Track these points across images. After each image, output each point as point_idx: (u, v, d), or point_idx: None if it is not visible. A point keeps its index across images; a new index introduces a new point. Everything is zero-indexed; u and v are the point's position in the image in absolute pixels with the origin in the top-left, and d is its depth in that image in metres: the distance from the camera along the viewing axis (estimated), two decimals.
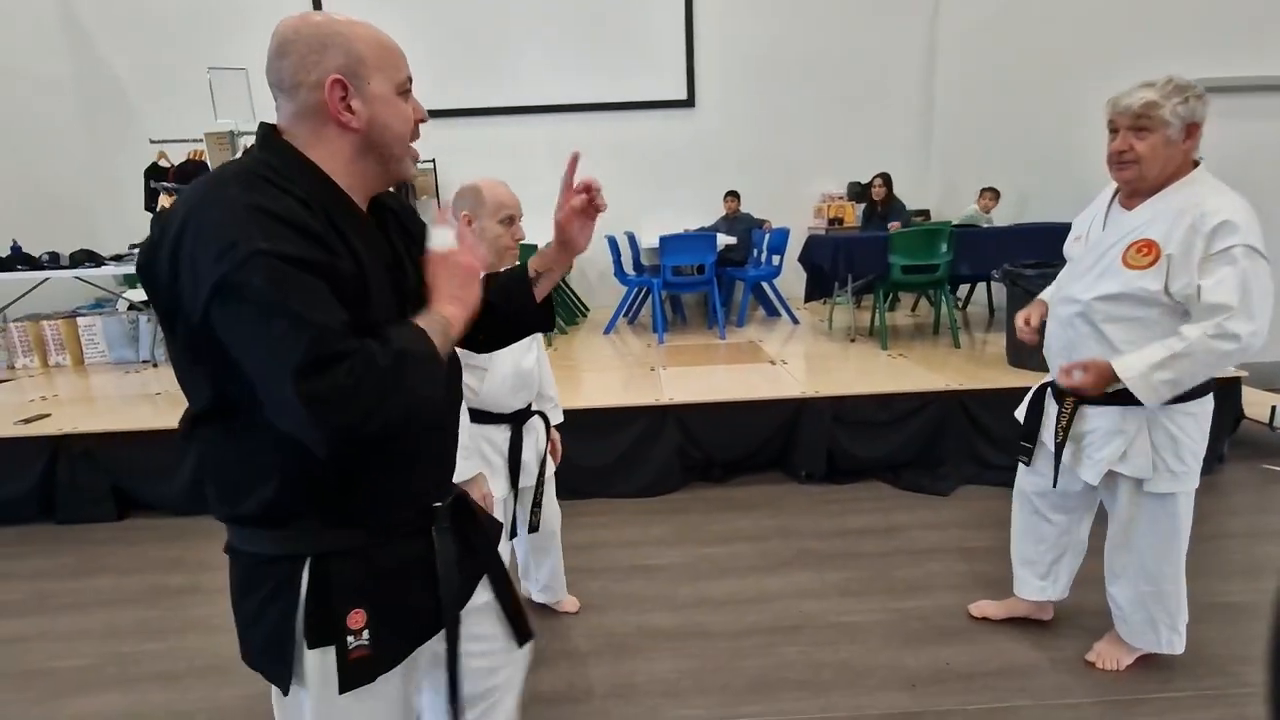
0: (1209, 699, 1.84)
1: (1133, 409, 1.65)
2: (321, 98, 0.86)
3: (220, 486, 0.92)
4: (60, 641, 2.30)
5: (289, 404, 0.76)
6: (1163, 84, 1.52)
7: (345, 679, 0.91)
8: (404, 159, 0.94)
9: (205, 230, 0.77)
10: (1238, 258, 1.45)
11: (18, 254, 4.92)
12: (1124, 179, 1.59)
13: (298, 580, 0.89)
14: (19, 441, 3.20)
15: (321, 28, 0.87)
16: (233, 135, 4.11)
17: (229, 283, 0.75)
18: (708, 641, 2.16)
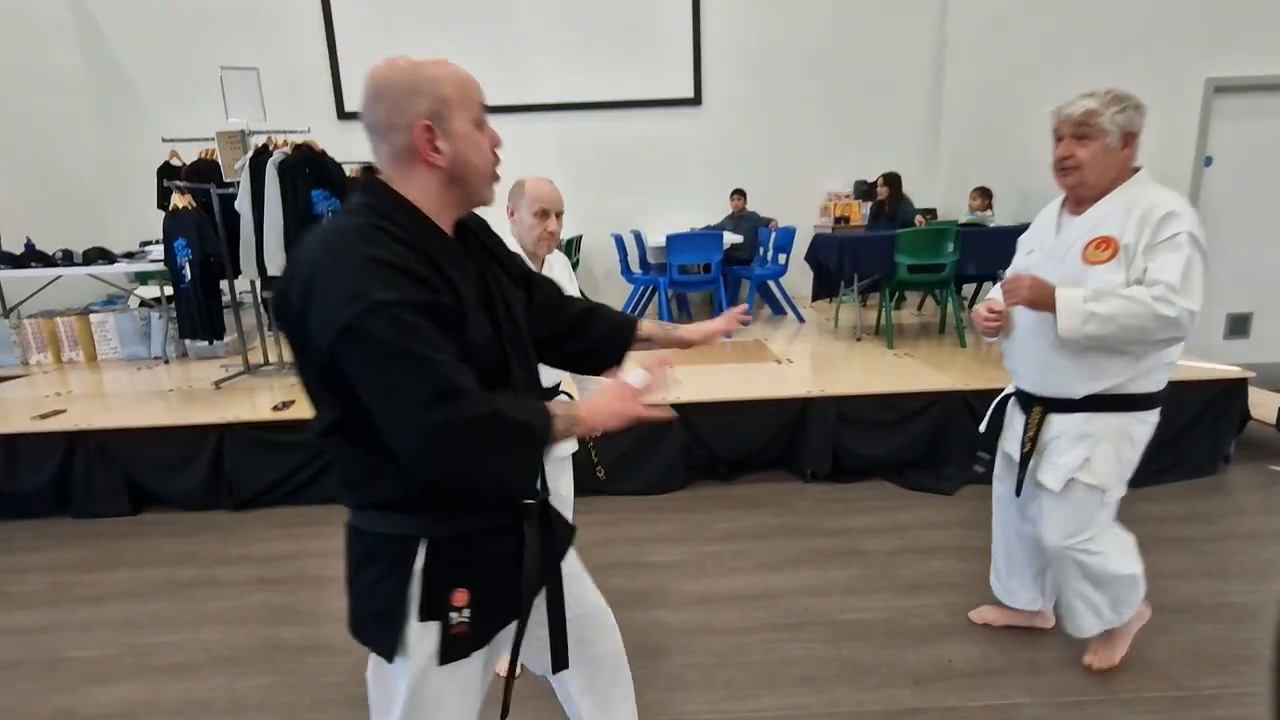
0: (1211, 699, 1.85)
1: (1099, 415, 1.68)
2: (412, 140, 0.96)
3: (346, 480, 1.04)
4: (79, 632, 2.35)
5: (407, 433, 0.89)
6: (1102, 94, 1.58)
7: (446, 652, 1.01)
8: (484, 187, 1.04)
9: (334, 278, 0.88)
10: (1182, 244, 1.51)
11: (31, 251, 4.98)
12: (1067, 184, 1.66)
13: (412, 559, 1.00)
14: (36, 437, 3.25)
15: (410, 74, 0.96)
16: (243, 134, 4.14)
17: (353, 328, 0.86)
18: (713, 637, 2.19)
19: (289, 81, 6.27)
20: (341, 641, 2.24)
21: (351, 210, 0.98)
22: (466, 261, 1.04)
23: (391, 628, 1.00)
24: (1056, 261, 1.68)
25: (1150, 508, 3.00)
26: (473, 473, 0.91)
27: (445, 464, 0.90)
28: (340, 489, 1.06)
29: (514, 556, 1.08)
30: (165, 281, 4.71)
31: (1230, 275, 4.63)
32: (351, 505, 1.06)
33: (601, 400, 1.06)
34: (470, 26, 6.59)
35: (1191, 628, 2.15)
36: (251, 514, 3.24)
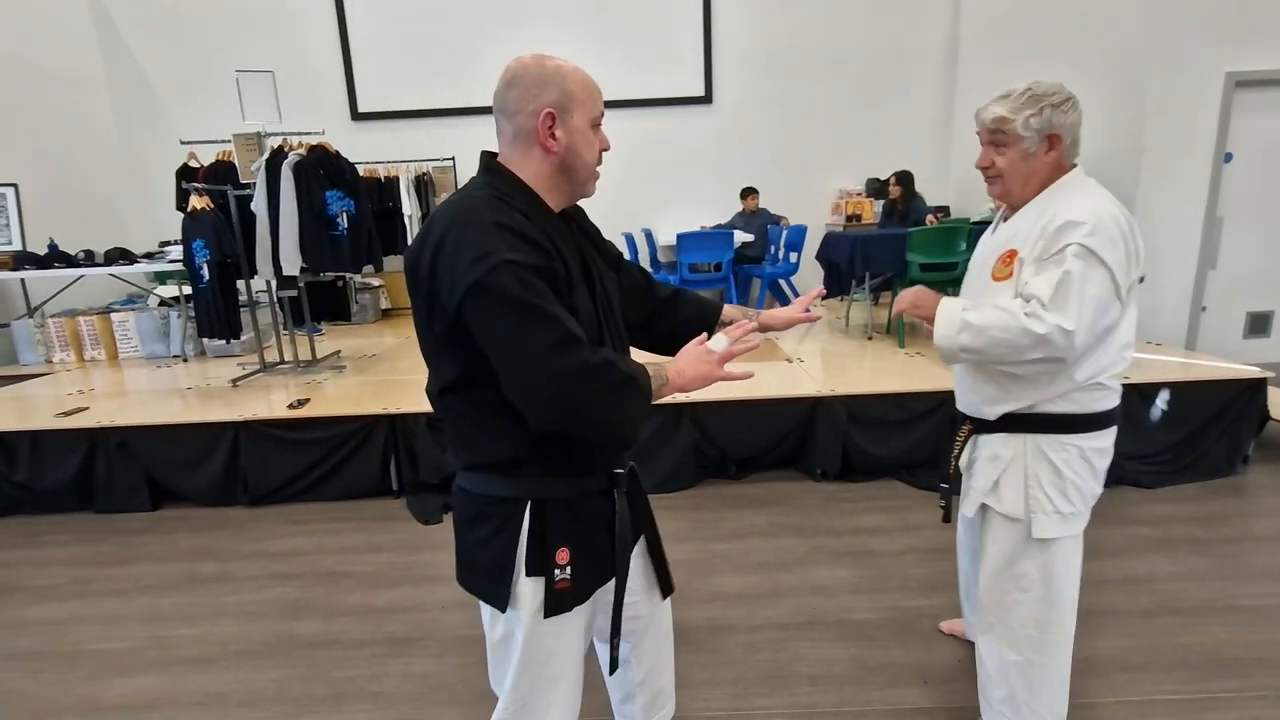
0: (1224, 702, 1.83)
1: (1014, 437, 1.49)
2: (535, 124, 1.06)
3: (459, 440, 1.14)
4: (102, 625, 2.41)
5: (530, 379, 0.97)
6: (1018, 95, 1.40)
7: (549, 606, 1.12)
8: (588, 181, 1.15)
9: (464, 240, 0.98)
10: (1067, 256, 1.31)
11: (55, 252, 5.09)
12: (992, 194, 1.51)
13: (519, 519, 1.11)
14: (59, 434, 3.32)
15: (545, 67, 1.07)
16: (259, 136, 4.19)
17: (482, 284, 0.94)
18: (721, 636, 2.20)
19: (304, 84, 6.35)
20: (355, 636, 2.27)
21: (476, 185, 1.08)
22: (570, 237, 1.14)
23: (503, 581, 1.11)
24: (976, 275, 1.54)
25: (1166, 508, 2.97)
26: (588, 418, 1.00)
27: (564, 409, 0.98)
28: (452, 449, 1.16)
29: (608, 520, 1.19)
30: (184, 281, 4.79)
31: (1250, 273, 4.56)
32: (462, 466, 1.15)
33: (687, 363, 1.15)
34: (482, 28, 6.63)
35: (1207, 630, 2.13)
36: (267, 510, 3.29)
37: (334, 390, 3.86)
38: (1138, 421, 3.29)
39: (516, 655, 1.15)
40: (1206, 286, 4.59)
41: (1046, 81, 1.40)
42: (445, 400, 1.11)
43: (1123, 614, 2.22)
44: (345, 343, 5.33)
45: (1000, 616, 1.57)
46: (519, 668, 1.16)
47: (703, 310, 1.41)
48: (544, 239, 1.02)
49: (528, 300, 0.95)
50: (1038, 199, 1.44)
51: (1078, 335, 1.30)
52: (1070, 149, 1.42)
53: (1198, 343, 4.61)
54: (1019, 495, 1.48)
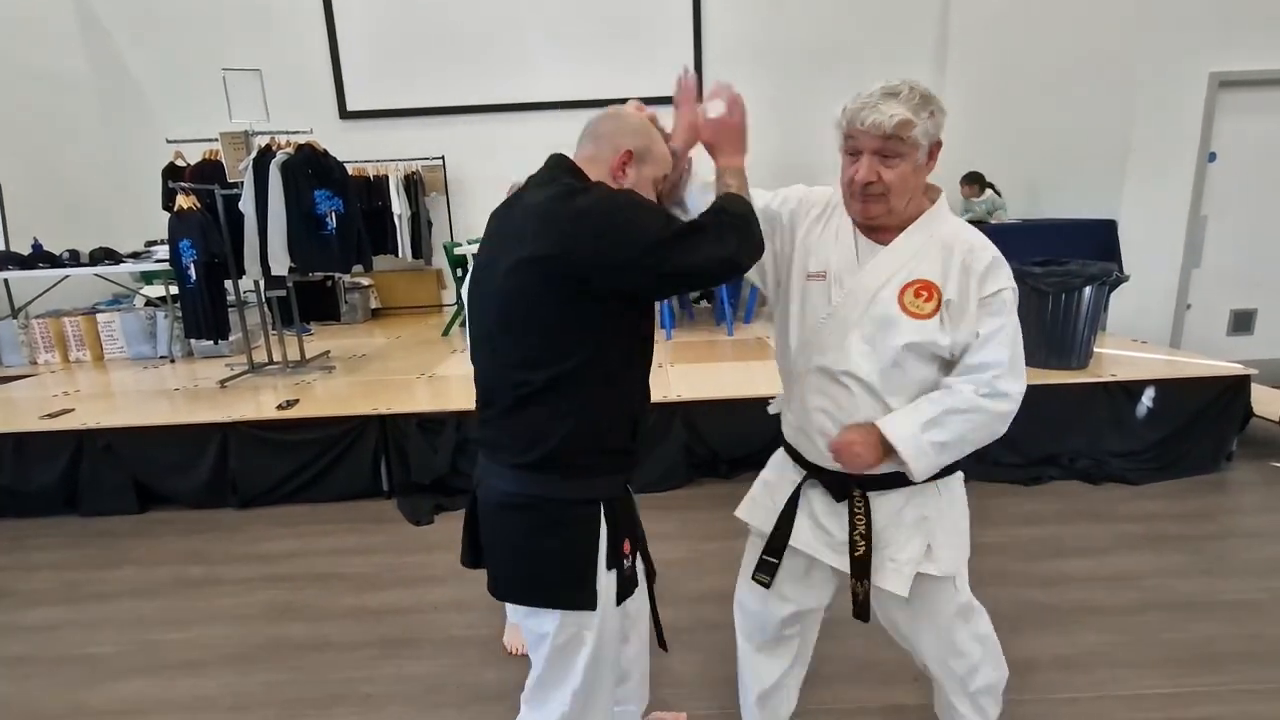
0: (1209, 696, 1.86)
1: (927, 485, 1.28)
2: (614, 156, 1.20)
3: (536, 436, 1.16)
4: (88, 629, 2.38)
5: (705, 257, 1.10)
6: (907, 94, 1.16)
7: (622, 591, 1.24)
8: None
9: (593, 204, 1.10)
10: (1006, 303, 1.20)
11: (39, 252, 5.02)
12: (871, 214, 1.23)
13: (598, 518, 1.20)
14: (44, 436, 3.28)
15: (645, 123, 1.25)
16: (247, 135, 4.16)
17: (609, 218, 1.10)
18: (715, 635, 2.20)
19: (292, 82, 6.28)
20: (347, 638, 2.26)
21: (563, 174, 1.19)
22: None
23: (586, 582, 1.19)
24: (863, 305, 1.25)
25: (1151, 505, 3.01)
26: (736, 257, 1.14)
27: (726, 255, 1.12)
28: (520, 446, 1.18)
29: (634, 506, 1.34)
30: (170, 281, 4.74)
31: (1234, 271, 4.62)
32: (526, 462, 1.17)
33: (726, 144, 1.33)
34: (472, 26, 6.59)
35: (1191, 625, 2.16)
36: (256, 512, 3.27)
37: (323, 391, 3.83)
38: (1123, 419, 3.32)
39: (586, 654, 1.22)
40: (1191, 285, 4.64)
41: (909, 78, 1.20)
42: (531, 411, 1.15)
43: (1110, 610, 2.25)
44: (335, 343, 5.30)
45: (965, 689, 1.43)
46: (590, 666, 1.23)
47: None
48: None
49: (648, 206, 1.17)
50: (931, 223, 1.25)
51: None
52: None
53: (1182, 340, 4.67)
54: (953, 550, 1.32)
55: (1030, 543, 2.71)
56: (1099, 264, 3.45)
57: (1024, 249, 3.77)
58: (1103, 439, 3.32)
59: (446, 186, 6.82)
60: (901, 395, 1.24)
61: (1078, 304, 3.37)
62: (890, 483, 1.28)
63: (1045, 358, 3.44)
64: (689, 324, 5.85)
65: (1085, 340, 3.44)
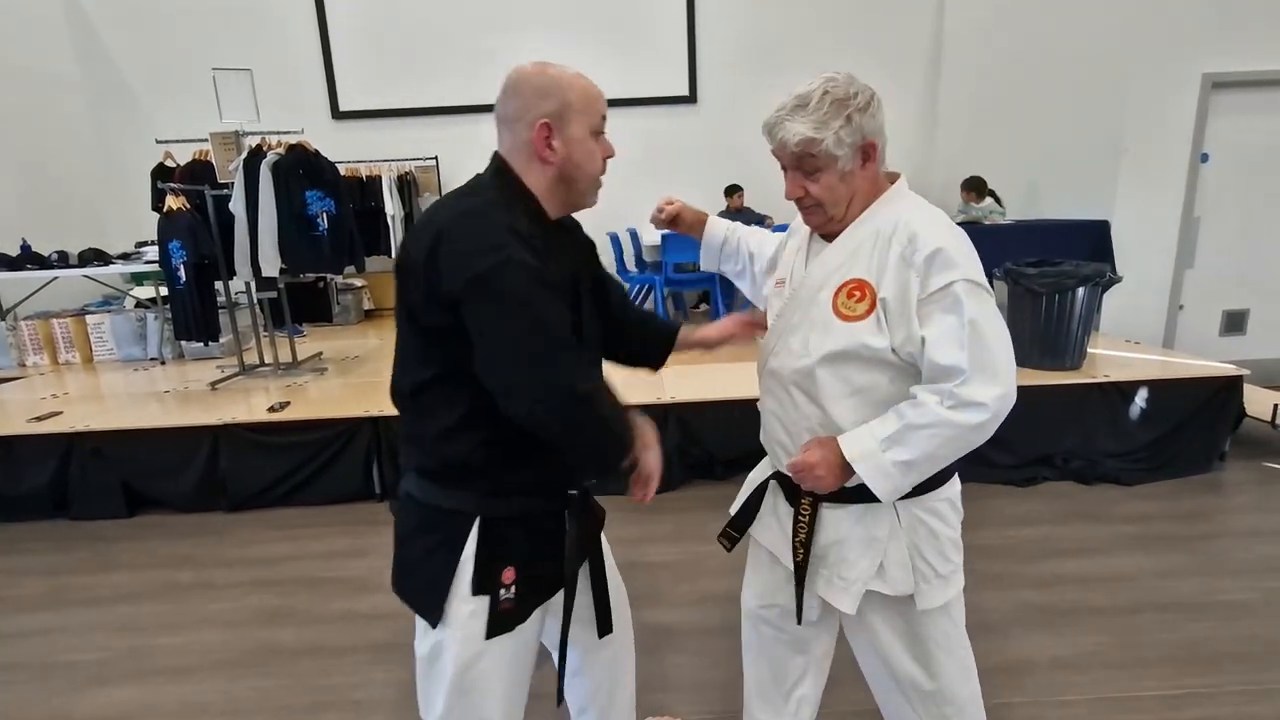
0: (1205, 697, 1.86)
1: (880, 507, 1.21)
2: (532, 135, 1.04)
3: (418, 442, 1.12)
4: (76, 635, 2.35)
5: (517, 386, 0.97)
6: (816, 103, 1.09)
7: (492, 627, 1.09)
8: (589, 191, 1.13)
9: (473, 232, 0.97)
10: (960, 298, 1.05)
11: (27, 253, 4.98)
12: (813, 225, 1.23)
13: (466, 534, 1.09)
14: (32, 439, 3.25)
15: (543, 76, 1.05)
16: (237, 135, 4.12)
17: (487, 278, 0.93)
18: (708, 638, 2.19)
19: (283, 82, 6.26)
20: (338, 643, 2.24)
21: (484, 185, 1.08)
22: (565, 250, 1.13)
23: (440, 597, 1.09)
24: (804, 308, 1.21)
25: (1145, 505, 3.01)
26: (572, 442, 1.04)
27: (537, 418, 0.99)
28: (406, 450, 1.15)
29: (556, 539, 1.17)
30: (161, 282, 4.71)
31: (1227, 272, 4.64)
32: (414, 468, 1.14)
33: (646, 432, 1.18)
34: (463, 25, 6.57)
35: (1186, 625, 2.16)
36: (247, 516, 3.24)
37: (315, 393, 3.81)
38: (1117, 419, 3.33)
39: (448, 677, 1.11)
40: (1184, 285, 4.66)
41: (840, 76, 1.12)
42: (417, 399, 1.09)
43: (1104, 611, 2.25)
44: (327, 344, 5.26)
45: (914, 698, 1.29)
46: (451, 693, 1.11)
47: (664, 335, 1.44)
48: (544, 249, 1.01)
49: (531, 303, 0.95)
50: (870, 216, 1.17)
51: (1008, 388, 1.05)
52: (884, 153, 1.18)
53: (1175, 341, 4.68)
54: (906, 572, 1.21)
55: (1024, 543, 2.71)
56: (1092, 264, 3.46)
57: (1018, 249, 3.78)
58: (1096, 439, 3.32)
59: (440, 187, 6.79)
60: (844, 401, 1.17)
61: (1071, 304, 3.38)
62: (844, 497, 1.19)
63: (1039, 358, 3.45)
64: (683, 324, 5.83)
65: (1079, 341, 3.45)
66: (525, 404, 0.99)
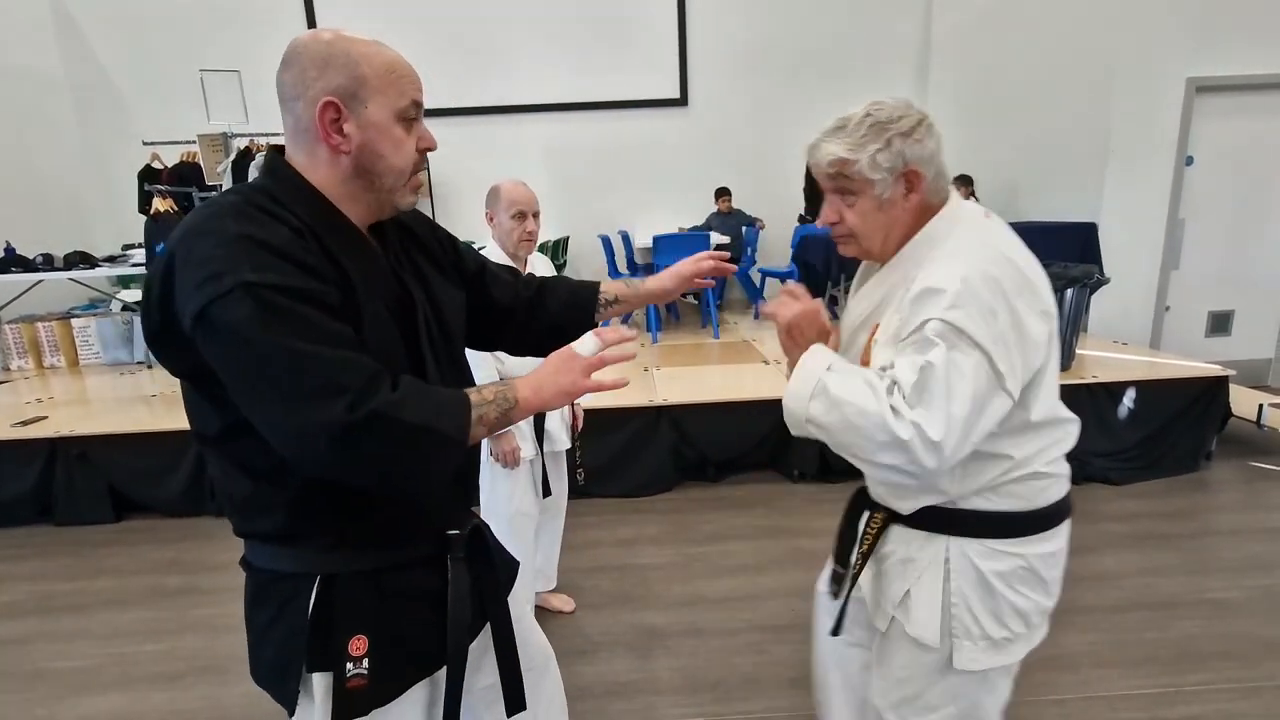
0: (1192, 695, 1.87)
1: (936, 536, 1.11)
2: (314, 116, 0.83)
3: (232, 504, 0.91)
4: (61, 642, 2.32)
5: (282, 435, 0.77)
6: (855, 125, 1.05)
7: (339, 709, 0.87)
8: (397, 190, 0.90)
9: (193, 259, 0.76)
10: (927, 337, 0.96)
11: (11, 256, 4.92)
12: (847, 255, 1.16)
13: (305, 599, 0.87)
14: (16, 444, 3.21)
15: (329, 46, 0.84)
16: (225, 137, 4.10)
17: (210, 313, 0.74)
18: (701, 640, 2.19)
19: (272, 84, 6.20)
20: None
21: (238, 189, 0.86)
22: (376, 259, 0.91)
23: (287, 678, 0.88)
24: (845, 346, 1.19)
25: (1132, 505, 3.04)
26: (361, 474, 0.80)
27: (333, 469, 0.79)
28: (228, 514, 0.93)
29: (438, 595, 0.95)
30: None
31: (1212, 273, 4.69)
32: (240, 534, 0.93)
33: (545, 374, 0.92)
34: (455, 27, 6.56)
35: (1174, 624, 2.18)
36: None
37: None
38: (1105, 419, 3.36)
39: None
40: (1170, 287, 4.71)
41: (889, 101, 1.07)
42: (218, 455, 0.88)
43: (1093, 610, 2.26)
44: None
45: None
46: None
47: (576, 293, 1.18)
48: (317, 259, 0.81)
49: (266, 336, 0.74)
50: (900, 256, 1.10)
51: (945, 447, 0.94)
52: (935, 184, 1.07)
53: (1162, 342, 4.72)
54: (933, 615, 1.10)
55: None
56: (1080, 266, 3.48)
57: None
58: (1085, 439, 3.27)
59: (431, 189, 6.76)
60: None
61: (1059, 306, 3.41)
62: (902, 518, 1.15)
63: None
64: (675, 326, 5.85)
65: (1067, 342, 3.47)
66: (294, 451, 0.78)
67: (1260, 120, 4.50)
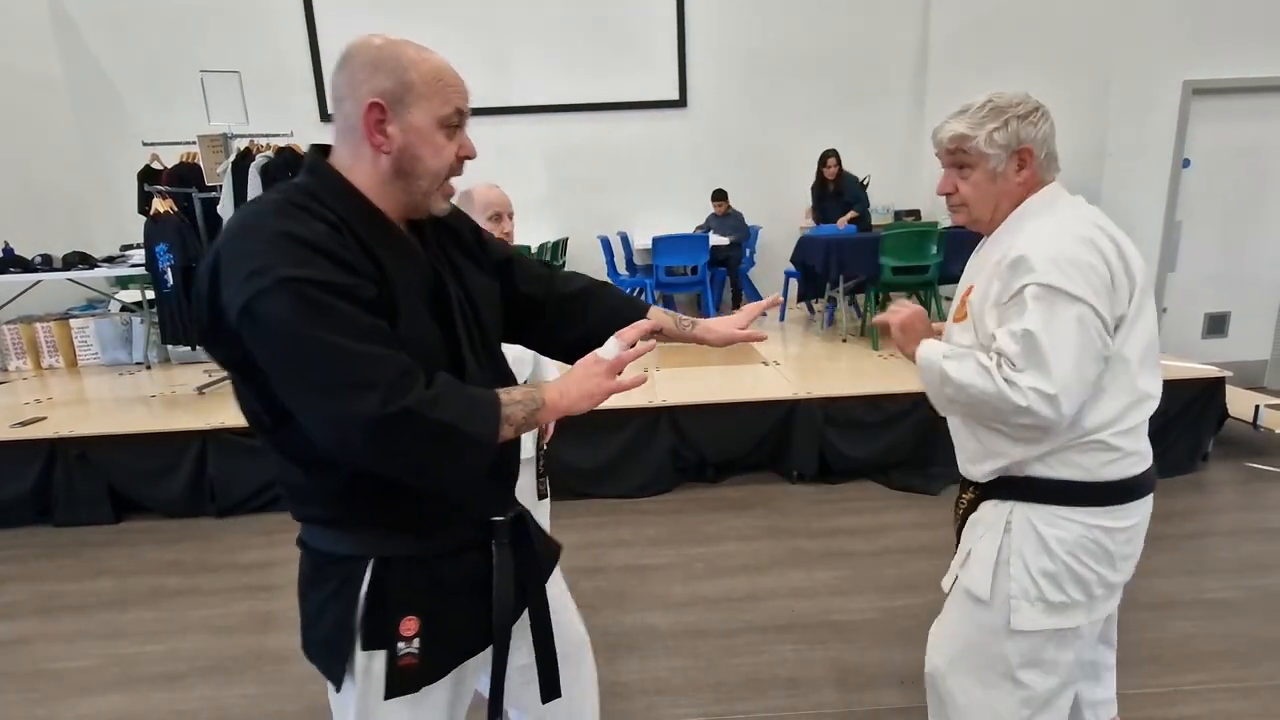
0: (1191, 695, 1.88)
1: (1002, 504, 1.23)
2: (360, 116, 0.87)
3: (288, 490, 0.96)
4: (62, 643, 2.32)
5: (321, 427, 0.81)
6: (977, 108, 1.21)
7: (391, 686, 0.92)
8: (431, 194, 0.93)
9: (240, 252, 0.80)
10: (1025, 301, 1.09)
11: (10, 256, 4.90)
12: (957, 223, 1.30)
13: (359, 580, 0.92)
14: (16, 445, 3.20)
15: (379, 50, 0.89)
16: (225, 138, 4.10)
17: (251, 307, 0.77)
18: (701, 640, 2.20)
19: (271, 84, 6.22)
20: None
21: (280, 188, 0.90)
22: (415, 254, 0.95)
23: (340, 653, 0.93)
24: (952, 309, 1.32)
25: None
26: (398, 469, 0.84)
27: (367, 461, 0.82)
28: (285, 499, 0.98)
29: (481, 581, 0.99)
30: (147, 285, 4.66)
31: (1208, 275, 4.70)
32: (298, 518, 0.97)
33: (571, 380, 0.94)
34: (455, 28, 6.57)
35: (1171, 624, 2.19)
36: (235, 521, 3.21)
37: None
38: None
39: None
40: (1166, 288, 4.72)
41: (1009, 92, 1.22)
42: (271, 442, 0.92)
43: None
44: None
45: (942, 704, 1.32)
46: None
47: (619, 316, 1.15)
48: (354, 254, 0.83)
49: (306, 330, 0.77)
50: (1004, 225, 1.23)
51: (1063, 398, 1.06)
52: (1045, 164, 1.21)
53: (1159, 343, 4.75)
54: (986, 570, 1.20)
55: None
56: None
57: None
58: None
59: None
60: None
61: None
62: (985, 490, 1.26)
63: None
64: None
65: None
66: (331, 441, 0.82)
67: (1256, 123, 4.52)
